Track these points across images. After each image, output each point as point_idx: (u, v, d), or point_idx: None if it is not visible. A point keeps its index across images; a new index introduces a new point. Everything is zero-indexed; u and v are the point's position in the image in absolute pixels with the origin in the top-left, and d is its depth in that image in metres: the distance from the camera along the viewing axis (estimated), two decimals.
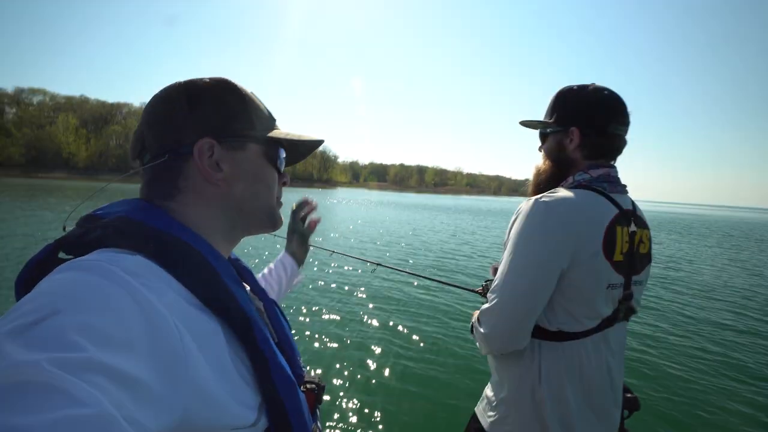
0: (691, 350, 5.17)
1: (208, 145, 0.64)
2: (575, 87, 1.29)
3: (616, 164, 1.31)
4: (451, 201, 69.58)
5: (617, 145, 1.28)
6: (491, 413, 1.30)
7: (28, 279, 0.53)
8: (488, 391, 1.37)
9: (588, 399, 1.20)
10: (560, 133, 1.30)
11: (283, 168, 0.75)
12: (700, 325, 6.21)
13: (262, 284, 1.08)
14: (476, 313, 1.32)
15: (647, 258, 1.29)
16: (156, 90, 0.69)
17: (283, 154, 0.75)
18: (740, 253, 16.68)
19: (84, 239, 0.55)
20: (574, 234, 1.13)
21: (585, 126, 1.25)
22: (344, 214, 25.76)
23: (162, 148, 0.65)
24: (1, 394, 0.33)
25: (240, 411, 0.53)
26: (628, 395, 1.38)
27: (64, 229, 0.60)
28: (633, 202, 1.29)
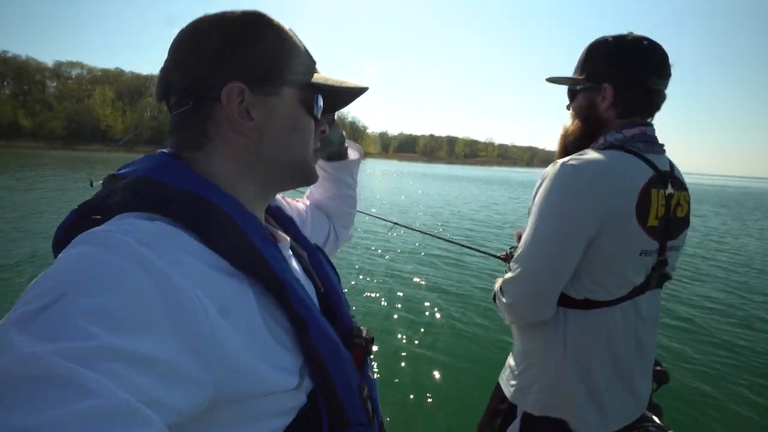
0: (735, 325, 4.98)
1: (238, 90, 0.57)
2: (610, 38, 1.18)
3: (653, 122, 1.20)
4: (483, 172, 68.50)
5: (656, 101, 1.17)
6: (513, 382, 1.27)
7: (58, 246, 0.52)
8: (511, 360, 1.34)
9: (616, 369, 1.16)
10: (591, 90, 1.20)
11: (320, 115, 0.67)
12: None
13: (315, 197, 1.06)
14: (498, 281, 1.28)
15: (685, 222, 1.21)
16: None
17: (321, 101, 0.66)
18: None
19: (105, 203, 0.53)
20: (603, 198, 1.05)
21: (620, 81, 1.15)
22: (378, 185, 25.80)
23: (188, 90, 0.58)
24: (6, 391, 0.31)
25: (279, 376, 0.52)
26: (657, 368, 1.35)
27: (91, 184, 0.59)
28: (671, 163, 1.21)
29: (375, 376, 0.74)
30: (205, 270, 0.48)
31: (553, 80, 1.30)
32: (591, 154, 1.10)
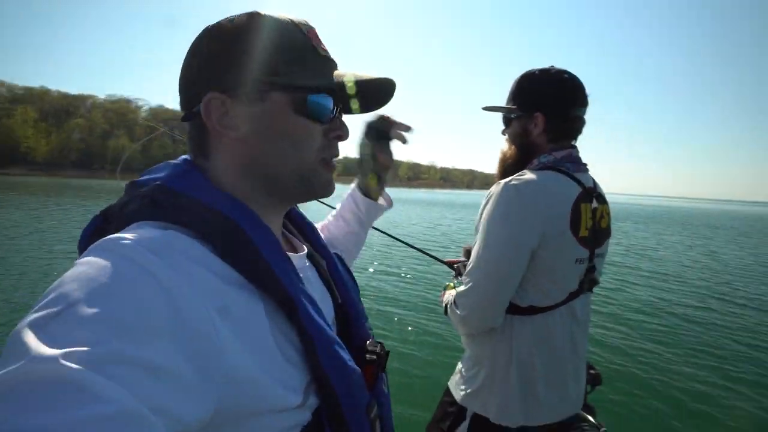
0: (654, 327, 5.41)
1: (219, 101, 0.56)
2: (536, 71, 1.31)
3: (576, 144, 1.35)
4: (426, 195, 70.05)
5: (578, 126, 1.32)
6: (463, 386, 1.34)
7: (82, 251, 0.51)
8: (461, 366, 1.41)
9: (555, 368, 1.25)
10: (524, 118, 1.33)
11: (329, 118, 0.61)
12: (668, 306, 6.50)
13: (331, 231, 1.02)
14: (446, 294, 1.40)
15: (607, 232, 1.35)
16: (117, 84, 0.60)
17: (328, 101, 0.60)
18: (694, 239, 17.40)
19: (124, 210, 0.54)
20: (542, 214, 1.17)
21: (548, 110, 1.29)
22: (320, 209, 25.29)
23: (185, 103, 0.60)
24: (18, 393, 0.32)
25: (284, 393, 0.51)
26: (592, 371, 1.46)
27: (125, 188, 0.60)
28: (594, 180, 1.35)
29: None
30: (216, 282, 0.48)
31: (488, 109, 1.41)
32: (529, 175, 1.22)
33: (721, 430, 3.34)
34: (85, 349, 0.35)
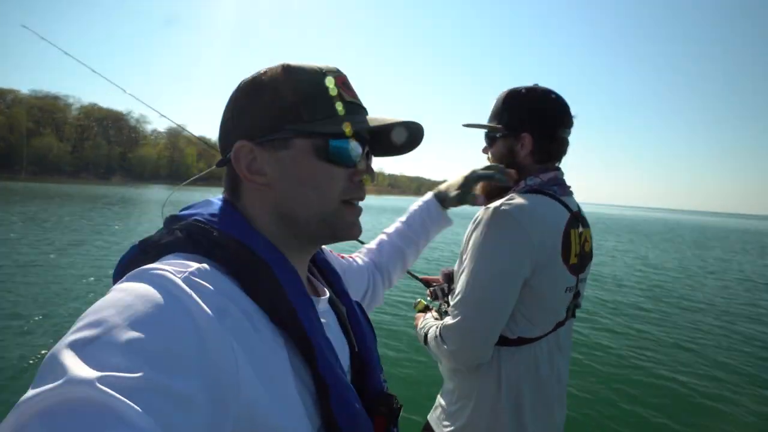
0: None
1: (247, 149, 0.60)
2: (523, 90, 1.27)
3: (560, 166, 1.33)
4: (375, 201, 69.96)
5: (564, 148, 1.30)
6: (447, 423, 1.28)
7: (118, 278, 0.53)
8: (442, 400, 1.34)
9: (542, 398, 1.22)
10: (510, 138, 1.28)
11: (357, 160, 0.63)
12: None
13: (381, 247, 1.11)
14: (423, 319, 1.36)
15: (590, 255, 1.33)
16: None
17: (353, 146, 0.62)
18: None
19: (163, 241, 0.56)
20: (535, 242, 1.12)
21: (536, 131, 1.25)
22: None
23: (222, 150, 0.65)
24: (55, 413, 0.34)
25: None
26: None
27: (163, 216, 0.64)
28: (577, 204, 1.31)
29: None
30: (242, 319, 0.50)
31: (471, 126, 1.36)
32: (518, 200, 1.17)
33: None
34: (120, 375, 0.37)
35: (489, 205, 1.19)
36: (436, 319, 1.37)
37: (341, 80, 0.64)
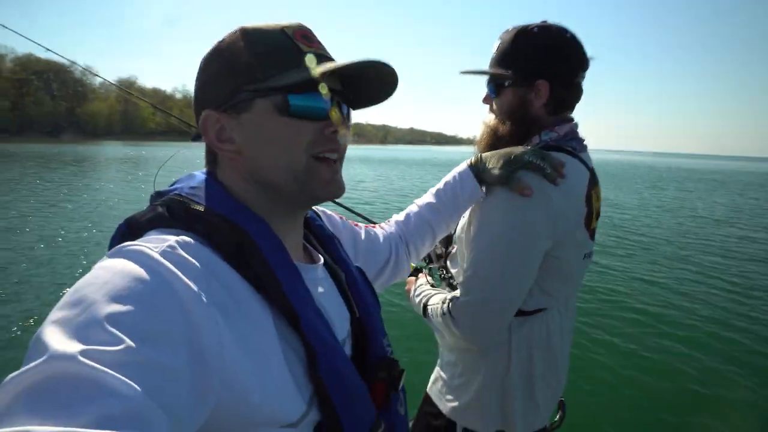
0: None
1: (213, 118, 0.59)
2: (535, 29, 1.09)
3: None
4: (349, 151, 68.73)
5: (579, 95, 1.15)
6: (450, 397, 1.20)
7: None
8: (442, 372, 1.26)
9: (552, 367, 1.16)
10: (522, 87, 1.11)
11: (325, 111, 0.60)
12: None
13: (420, 214, 1.08)
14: (420, 288, 1.26)
15: (599, 213, 1.20)
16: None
17: (317, 96, 0.59)
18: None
19: (146, 217, 0.57)
20: (559, 210, 1.01)
21: (555, 78, 1.09)
22: None
23: (197, 125, 0.64)
24: (37, 389, 0.34)
25: (284, 405, 0.52)
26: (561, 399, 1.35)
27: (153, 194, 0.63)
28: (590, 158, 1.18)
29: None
30: (224, 290, 0.51)
31: (472, 73, 1.18)
32: None
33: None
34: (102, 348, 0.37)
35: None
36: (433, 286, 1.30)
37: (301, 33, 0.61)
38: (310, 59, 0.58)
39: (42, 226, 8.04)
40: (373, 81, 0.65)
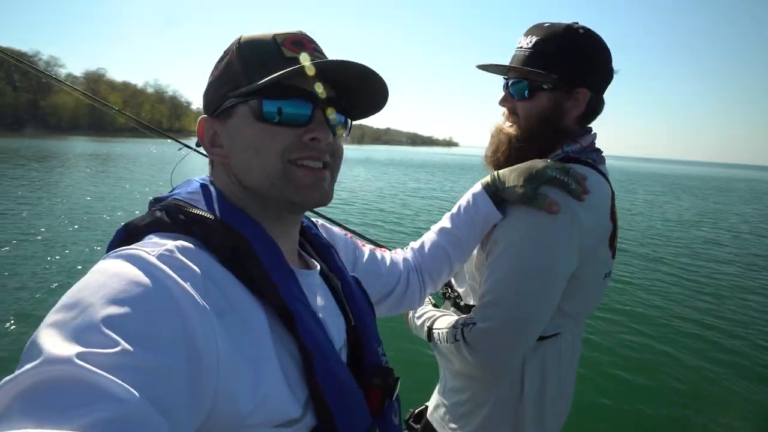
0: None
1: (206, 124, 0.64)
2: (581, 30, 1.00)
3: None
4: None
5: (602, 106, 1.09)
6: (454, 425, 1.12)
7: None
8: (444, 398, 1.17)
9: (562, 391, 1.10)
10: (560, 92, 1.01)
11: (305, 118, 0.59)
12: None
13: (423, 254, 1.04)
14: (435, 321, 1.12)
15: None
16: None
17: (294, 102, 0.58)
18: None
19: (144, 223, 0.57)
20: (586, 230, 0.94)
21: (596, 87, 1.02)
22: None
23: None
24: (34, 393, 0.34)
25: (279, 407, 0.52)
26: None
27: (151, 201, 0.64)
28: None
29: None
30: (220, 292, 0.51)
31: (490, 69, 1.08)
32: None
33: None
34: (98, 351, 0.37)
35: None
36: (435, 306, 1.22)
37: (291, 40, 0.61)
38: (288, 63, 0.58)
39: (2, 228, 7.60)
40: (366, 92, 0.65)
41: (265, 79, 0.56)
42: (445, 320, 1.09)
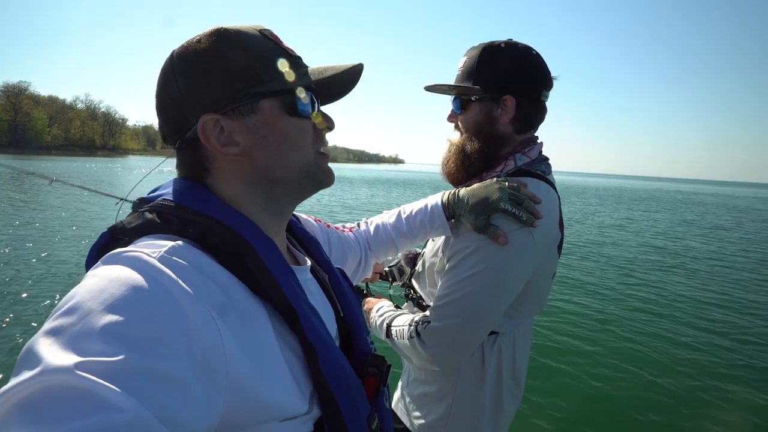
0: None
1: (213, 122, 0.57)
2: (501, 45, 1.09)
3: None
4: None
5: (544, 113, 1.14)
6: (418, 414, 1.19)
7: (90, 266, 0.52)
8: (407, 389, 1.25)
9: (518, 377, 1.19)
10: (488, 102, 1.09)
11: (314, 110, 0.64)
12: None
13: (386, 232, 1.12)
14: (382, 310, 1.23)
15: None
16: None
17: (312, 97, 0.63)
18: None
19: (133, 224, 0.55)
20: (541, 242, 1.02)
21: (521, 94, 1.08)
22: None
23: (172, 134, 0.61)
24: (31, 403, 0.33)
25: (287, 403, 0.52)
26: None
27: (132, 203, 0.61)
28: None
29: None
30: (222, 293, 0.50)
31: (436, 89, 1.16)
32: None
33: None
34: (98, 359, 0.36)
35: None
36: (398, 307, 1.27)
37: (275, 36, 0.63)
38: (288, 54, 0.62)
39: None
40: (343, 82, 0.69)
41: (324, 76, 0.61)
42: (403, 318, 1.16)
